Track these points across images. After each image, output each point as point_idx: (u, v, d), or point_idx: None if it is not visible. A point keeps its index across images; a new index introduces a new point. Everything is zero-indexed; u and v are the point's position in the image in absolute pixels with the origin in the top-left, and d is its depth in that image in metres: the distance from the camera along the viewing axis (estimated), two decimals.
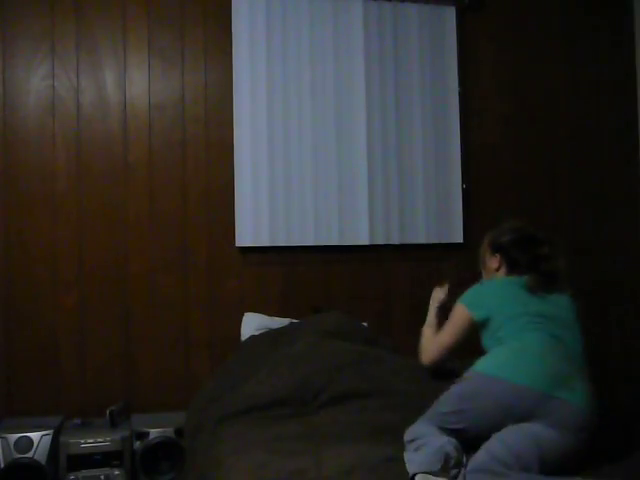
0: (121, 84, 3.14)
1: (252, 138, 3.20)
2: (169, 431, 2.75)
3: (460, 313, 2.22)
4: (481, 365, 1.97)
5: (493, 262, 2.34)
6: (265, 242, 3.20)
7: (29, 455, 2.61)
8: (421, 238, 3.38)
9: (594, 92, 3.70)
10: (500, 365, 1.93)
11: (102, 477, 2.66)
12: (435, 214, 3.40)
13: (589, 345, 2.23)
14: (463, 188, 3.45)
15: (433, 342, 2.30)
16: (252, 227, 3.18)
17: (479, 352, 2.14)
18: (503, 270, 2.31)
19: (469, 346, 2.24)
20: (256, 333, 2.94)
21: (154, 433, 2.74)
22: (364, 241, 3.30)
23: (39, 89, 3.06)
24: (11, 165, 3.02)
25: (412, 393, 2.26)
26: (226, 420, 2.19)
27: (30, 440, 2.63)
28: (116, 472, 2.67)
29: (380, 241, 3.32)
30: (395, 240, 3.34)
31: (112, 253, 3.09)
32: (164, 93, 3.18)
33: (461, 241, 3.43)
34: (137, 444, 2.73)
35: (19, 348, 2.99)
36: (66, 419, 2.90)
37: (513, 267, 2.28)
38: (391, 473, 1.68)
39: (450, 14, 3.46)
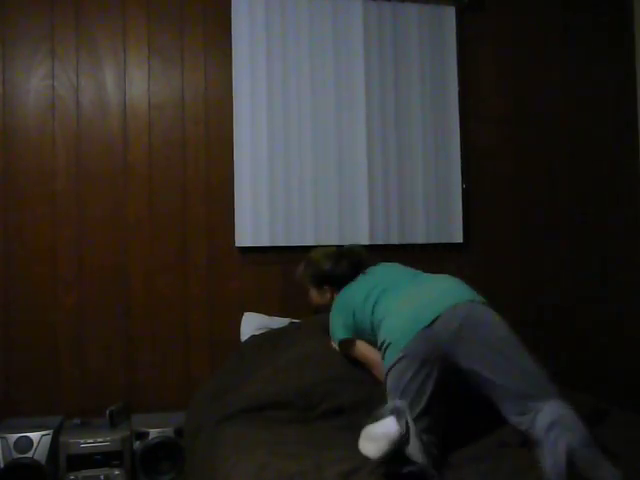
0: (121, 84, 3.14)
1: (252, 138, 3.20)
2: (169, 431, 2.75)
3: (353, 346, 2.27)
4: (385, 362, 1.96)
5: (327, 294, 2.52)
6: (265, 242, 3.20)
7: (29, 455, 2.60)
8: (421, 238, 3.38)
9: (594, 92, 3.70)
10: (392, 353, 1.92)
11: (102, 477, 2.65)
12: (435, 214, 3.40)
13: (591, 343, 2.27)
14: (463, 188, 3.45)
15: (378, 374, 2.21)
16: (252, 227, 3.18)
17: None
18: (336, 292, 2.47)
19: None
20: (256, 332, 2.93)
21: (154, 433, 2.74)
22: (364, 241, 3.30)
23: (39, 89, 3.06)
24: (11, 165, 3.02)
25: None
26: (227, 420, 2.19)
27: (30, 440, 2.62)
28: (116, 472, 2.67)
29: (380, 241, 3.32)
30: (395, 240, 3.34)
31: (112, 253, 3.09)
32: (164, 93, 3.18)
33: (461, 241, 3.43)
34: (137, 444, 2.73)
35: (19, 348, 2.99)
36: (66, 419, 2.90)
37: (341, 284, 2.42)
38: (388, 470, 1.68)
39: (450, 14, 3.46)
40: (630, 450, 1.80)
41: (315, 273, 2.54)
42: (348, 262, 2.49)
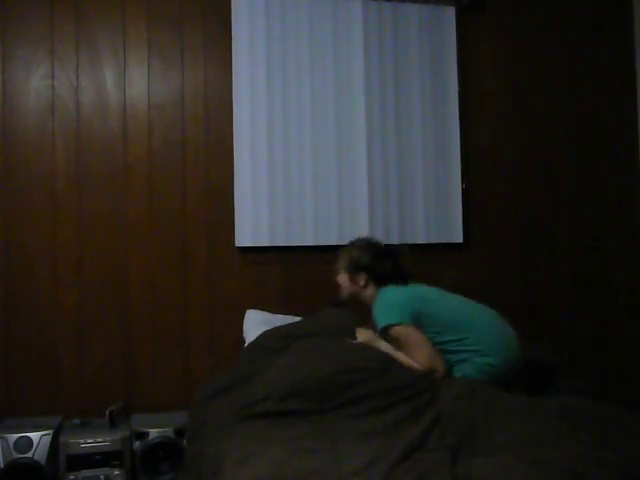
0: (121, 84, 3.14)
1: (252, 138, 3.20)
2: (169, 431, 2.75)
3: (397, 331, 2.33)
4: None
5: (361, 281, 2.52)
6: (265, 242, 3.20)
7: (29, 455, 2.61)
8: (421, 238, 3.37)
9: (594, 92, 3.70)
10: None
11: (102, 477, 2.66)
12: (435, 214, 3.40)
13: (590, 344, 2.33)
14: (463, 188, 3.45)
15: (422, 366, 2.29)
16: (252, 227, 3.18)
17: None
18: (371, 285, 2.53)
19: None
20: (258, 329, 2.89)
21: (154, 433, 2.75)
22: None
23: (39, 89, 3.06)
24: (11, 165, 3.02)
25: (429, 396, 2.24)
26: (240, 415, 2.15)
27: (30, 440, 2.63)
28: (116, 472, 2.67)
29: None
30: (395, 240, 3.34)
31: (112, 253, 3.09)
32: (164, 93, 3.18)
33: (461, 241, 3.43)
34: (137, 444, 2.73)
35: (19, 348, 2.99)
36: (66, 419, 2.90)
37: (379, 279, 2.51)
38: (408, 467, 1.67)
39: (450, 14, 3.46)
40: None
41: (356, 260, 2.53)
42: (392, 263, 2.54)
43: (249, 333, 2.96)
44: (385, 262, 2.53)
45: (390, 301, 2.41)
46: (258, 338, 2.83)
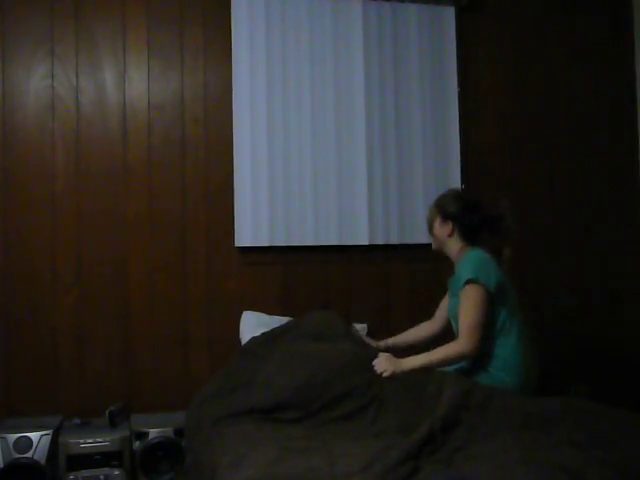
0: (120, 84, 3.14)
1: (252, 138, 3.20)
2: (169, 431, 2.75)
3: (477, 290, 2.35)
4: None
5: (446, 228, 2.53)
6: (264, 242, 3.20)
7: (28, 455, 2.60)
8: (421, 238, 3.36)
9: (594, 92, 3.70)
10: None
11: (102, 477, 2.65)
12: None
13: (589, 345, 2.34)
14: (463, 188, 3.45)
15: (463, 329, 2.33)
16: (251, 227, 3.18)
17: None
18: (457, 237, 2.53)
19: None
20: (255, 331, 2.91)
21: (154, 433, 2.74)
22: (364, 241, 3.31)
23: (39, 89, 3.06)
24: (11, 165, 3.02)
25: (406, 396, 2.24)
26: (230, 418, 2.17)
27: (29, 440, 2.62)
28: (116, 472, 2.67)
29: (380, 241, 3.32)
30: (395, 240, 3.34)
31: (111, 253, 3.09)
32: (163, 93, 3.18)
33: None
34: (137, 444, 2.73)
35: (19, 348, 2.99)
36: (65, 419, 2.90)
37: (467, 231, 2.53)
38: (404, 470, 1.67)
39: (449, 14, 3.46)
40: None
41: (444, 208, 2.55)
42: (479, 216, 2.55)
43: (245, 335, 2.97)
44: (472, 216, 2.53)
45: (485, 262, 2.43)
46: (247, 343, 2.84)
